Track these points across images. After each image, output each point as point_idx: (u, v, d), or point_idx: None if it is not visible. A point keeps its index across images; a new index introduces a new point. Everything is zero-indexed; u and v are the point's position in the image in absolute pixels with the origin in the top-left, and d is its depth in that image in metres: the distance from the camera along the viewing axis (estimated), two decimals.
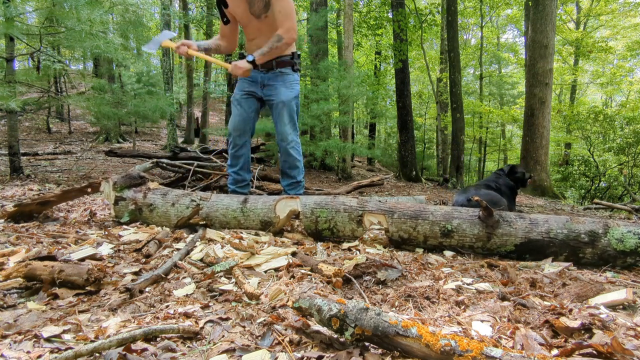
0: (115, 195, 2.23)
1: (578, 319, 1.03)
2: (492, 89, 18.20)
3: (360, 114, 19.09)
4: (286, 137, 2.67)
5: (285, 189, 2.81)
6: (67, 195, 2.41)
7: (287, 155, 2.71)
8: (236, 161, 2.71)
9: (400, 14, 9.29)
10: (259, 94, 2.65)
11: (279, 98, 2.61)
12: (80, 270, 1.25)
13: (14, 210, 2.18)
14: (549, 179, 7.84)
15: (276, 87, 2.61)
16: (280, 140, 2.69)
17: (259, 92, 2.65)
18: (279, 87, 2.61)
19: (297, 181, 2.78)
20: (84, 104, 5.56)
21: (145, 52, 4.27)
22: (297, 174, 2.77)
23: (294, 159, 2.72)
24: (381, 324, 0.86)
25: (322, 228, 1.97)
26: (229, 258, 1.52)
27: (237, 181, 2.73)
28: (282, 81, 2.62)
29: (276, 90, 2.62)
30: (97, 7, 4.18)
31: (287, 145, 2.68)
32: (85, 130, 11.67)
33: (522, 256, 1.77)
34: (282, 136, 2.68)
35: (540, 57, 7.54)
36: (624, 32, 15.75)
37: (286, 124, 2.66)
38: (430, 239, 1.84)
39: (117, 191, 2.23)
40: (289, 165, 2.73)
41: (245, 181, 2.77)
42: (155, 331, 0.94)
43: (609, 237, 1.67)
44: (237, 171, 2.72)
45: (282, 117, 2.65)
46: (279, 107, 2.62)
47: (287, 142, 2.68)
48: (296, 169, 2.75)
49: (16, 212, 2.19)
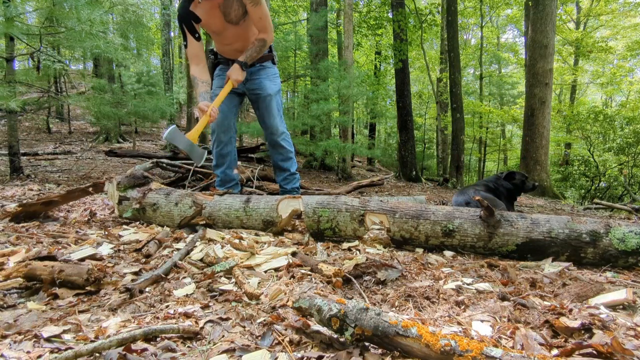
0: (119, 195, 2.24)
1: (578, 319, 1.03)
2: (492, 89, 18.19)
3: (360, 114, 19.09)
4: (277, 129, 2.65)
5: (281, 184, 2.76)
6: (71, 195, 2.42)
7: (279, 148, 2.69)
8: (222, 160, 2.64)
9: (400, 14, 9.29)
10: (240, 89, 2.62)
11: (265, 91, 2.60)
12: (80, 270, 1.25)
13: (19, 210, 2.19)
14: (549, 179, 7.84)
15: (260, 80, 2.60)
16: (271, 133, 2.66)
17: (240, 88, 2.61)
18: (263, 81, 2.60)
19: (292, 173, 2.76)
20: (84, 104, 5.57)
21: (145, 52, 4.26)
22: (291, 165, 2.75)
23: (287, 151, 2.71)
24: (381, 324, 0.86)
25: (324, 228, 1.97)
26: (229, 258, 1.52)
27: (226, 181, 2.67)
28: (265, 75, 2.62)
29: (261, 84, 2.60)
30: (97, 7, 4.18)
31: (278, 137, 2.66)
32: (85, 130, 11.67)
33: (524, 256, 1.77)
34: (273, 129, 2.65)
35: (540, 57, 7.54)
36: (624, 32, 15.75)
37: (275, 117, 2.65)
38: (432, 238, 1.84)
39: (121, 191, 2.24)
40: (282, 157, 2.71)
41: (234, 180, 2.71)
42: (155, 331, 0.94)
43: (610, 237, 1.67)
44: (225, 170, 2.66)
45: (271, 110, 2.63)
46: (267, 100, 2.61)
47: (278, 135, 2.66)
48: (290, 161, 2.73)
49: (20, 212, 2.19)
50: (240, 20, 2.41)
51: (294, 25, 11.14)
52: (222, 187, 2.65)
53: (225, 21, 2.39)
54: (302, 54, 9.18)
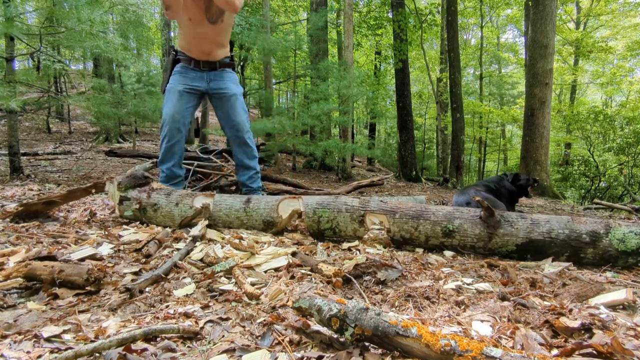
0: (120, 195, 2.25)
1: (578, 319, 1.03)
2: (492, 89, 18.19)
3: (360, 114, 19.09)
4: (243, 127, 2.69)
5: (246, 182, 2.77)
6: (73, 195, 2.44)
7: (245, 146, 2.72)
8: (170, 156, 2.64)
9: (400, 14, 9.29)
10: (203, 88, 2.65)
11: (231, 90, 2.66)
12: (80, 270, 1.25)
13: (20, 209, 2.20)
14: (549, 179, 7.83)
15: (224, 82, 2.67)
16: (237, 130, 2.69)
17: (203, 87, 2.64)
18: (227, 82, 2.67)
19: (257, 171, 2.80)
20: (84, 104, 5.57)
21: (145, 52, 4.27)
22: (256, 164, 2.79)
23: (252, 150, 2.75)
24: (381, 324, 0.86)
25: (324, 228, 1.97)
26: (229, 258, 1.52)
27: (171, 178, 2.68)
28: (229, 78, 2.69)
29: (225, 84, 2.66)
30: (97, 7, 4.18)
31: (244, 135, 2.70)
32: (85, 130, 11.66)
33: (524, 256, 1.77)
34: (239, 127, 2.68)
35: (540, 57, 7.54)
36: (624, 32, 15.74)
37: (242, 114, 2.70)
38: (432, 239, 1.85)
39: (122, 191, 2.25)
40: (247, 155, 2.74)
41: (180, 177, 2.74)
42: (155, 331, 0.94)
43: (610, 237, 1.67)
44: (171, 167, 2.66)
45: (237, 108, 2.67)
46: (232, 99, 2.66)
47: (244, 132, 2.70)
48: (255, 159, 2.78)
49: (22, 212, 2.20)
50: (218, 19, 2.44)
51: (294, 25, 11.14)
52: (167, 184, 2.64)
53: (204, 13, 2.42)
54: (302, 54, 9.18)
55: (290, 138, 7.32)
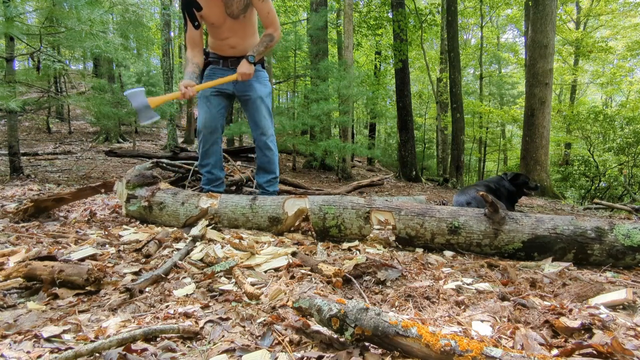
0: (128, 193, 2.29)
1: (578, 319, 1.03)
2: (492, 89, 18.20)
3: (360, 114, 19.08)
4: (267, 130, 2.67)
5: (264, 185, 2.75)
6: (82, 193, 2.47)
7: (267, 150, 2.70)
8: (208, 160, 2.67)
9: (400, 14, 9.29)
10: (230, 90, 2.63)
11: (256, 94, 2.62)
12: (80, 270, 1.25)
13: (30, 205, 2.22)
14: (549, 179, 7.83)
15: (250, 83, 2.61)
16: (261, 134, 2.67)
17: (230, 89, 2.62)
18: (254, 83, 2.62)
19: (276, 176, 2.78)
20: (84, 104, 5.57)
21: (145, 52, 4.27)
22: (276, 168, 2.77)
23: (273, 154, 2.72)
24: (381, 324, 0.86)
25: (330, 225, 1.97)
26: (229, 258, 1.52)
27: (211, 180, 2.70)
28: (256, 77, 2.62)
29: (251, 86, 2.62)
30: (97, 7, 4.18)
31: (267, 139, 2.68)
32: (85, 130, 11.66)
33: (531, 254, 1.75)
34: (264, 130, 2.66)
35: (540, 57, 7.54)
36: (624, 32, 15.74)
37: (266, 118, 2.67)
38: (438, 236, 1.83)
39: (130, 189, 2.30)
40: (268, 159, 2.72)
41: (220, 179, 2.74)
42: (155, 331, 0.94)
43: (615, 233, 1.67)
44: (210, 170, 2.69)
45: (262, 111, 2.65)
46: (257, 102, 2.63)
47: (267, 136, 2.68)
48: (275, 164, 2.75)
49: (31, 207, 2.23)
50: (241, 14, 2.43)
51: (294, 25, 11.13)
52: (208, 186, 2.67)
53: (225, 13, 2.40)
54: (302, 54, 9.18)
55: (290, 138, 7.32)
